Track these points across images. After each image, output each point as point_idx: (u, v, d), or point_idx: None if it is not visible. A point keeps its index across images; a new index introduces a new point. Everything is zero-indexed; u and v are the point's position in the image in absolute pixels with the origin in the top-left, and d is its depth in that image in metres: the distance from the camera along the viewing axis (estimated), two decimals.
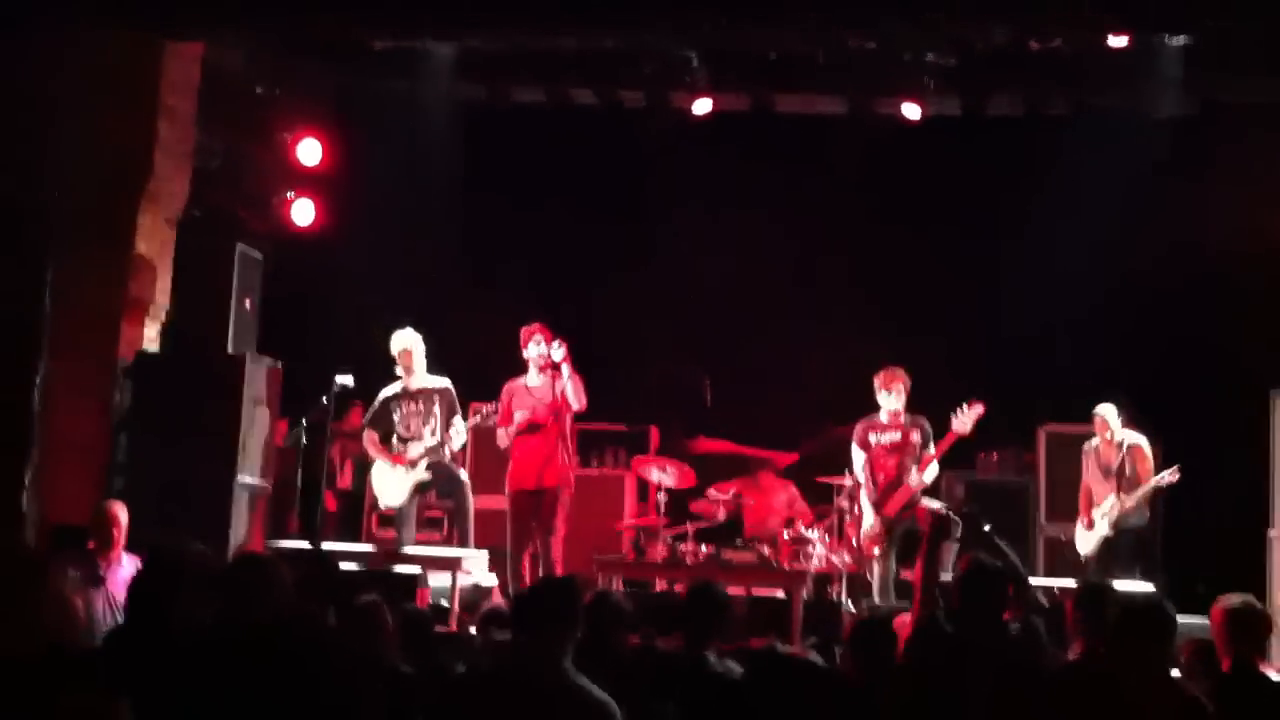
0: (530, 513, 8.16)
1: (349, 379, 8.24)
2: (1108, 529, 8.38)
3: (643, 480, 9.71)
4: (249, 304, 8.65)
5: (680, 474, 9.03)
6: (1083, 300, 9.96)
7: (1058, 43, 8.74)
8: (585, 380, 8.27)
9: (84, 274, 7.92)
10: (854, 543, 8.40)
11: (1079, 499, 8.64)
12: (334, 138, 9.65)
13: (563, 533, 8.14)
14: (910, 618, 5.26)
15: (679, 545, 8.39)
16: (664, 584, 8.52)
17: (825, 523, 8.81)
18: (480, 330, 9.47)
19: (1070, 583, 6.97)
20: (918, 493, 8.31)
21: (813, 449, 9.40)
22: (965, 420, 8.12)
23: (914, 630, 4.99)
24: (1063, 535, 8.95)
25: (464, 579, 7.79)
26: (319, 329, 9.82)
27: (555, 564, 8.00)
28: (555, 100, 10.01)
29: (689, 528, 8.79)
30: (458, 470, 8.49)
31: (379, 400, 8.46)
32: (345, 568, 7.14)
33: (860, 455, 8.46)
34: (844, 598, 8.32)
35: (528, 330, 8.30)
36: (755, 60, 9.59)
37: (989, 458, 9.86)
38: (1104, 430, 8.47)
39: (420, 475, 8.31)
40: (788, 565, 8.11)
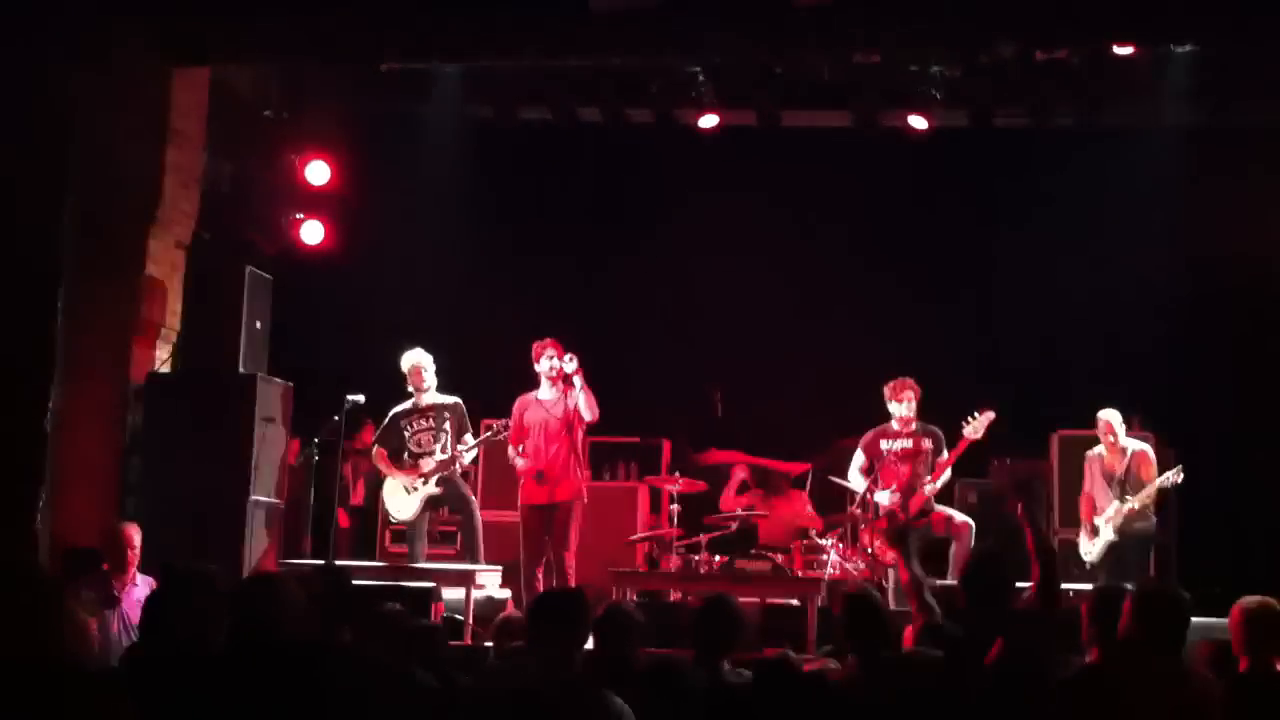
0: (543, 527, 8.16)
1: (360, 397, 8.28)
2: (1113, 534, 8.32)
3: (655, 491, 9.72)
4: (259, 325, 8.69)
5: (692, 487, 9.04)
6: (1093, 306, 9.97)
7: (1063, 54, 8.76)
8: (597, 393, 8.28)
9: (95, 297, 7.96)
10: (868, 549, 8.38)
11: (1080, 507, 8.58)
12: (342, 158, 9.69)
13: (575, 545, 8.14)
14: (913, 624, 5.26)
15: (692, 556, 8.39)
16: (678, 595, 8.52)
17: (838, 530, 8.80)
18: (491, 347, 9.51)
19: (1084, 586, 6.94)
20: (931, 500, 8.30)
21: (821, 463, 9.41)
22: (977, 426, 8.12)
23: (919, 631, 4.99)
24: (1076, 539, 8.91)
25: (478, 593, 7.80)
26: (329, 348, 9.86)
27: (569, 577, 8.00)
28: (562, 118, 10.03)
29: (702, 538, 8.78)
30: (465, 487, 8.52)
31: (390, 417, 8.49)
32: (359, 584, 7.14)
33: (860, 458, 8.44)
34: None
35: (540, 345, 8.31)
36: (761, 75, 9.63)
37: (1002, 464, 9.85)
38: (1108, 434, 8.40)
39: (431, 490, 8.33)
40: (801, 573, 8.09)
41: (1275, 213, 8.80)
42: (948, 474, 8.34)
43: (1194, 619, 4.32)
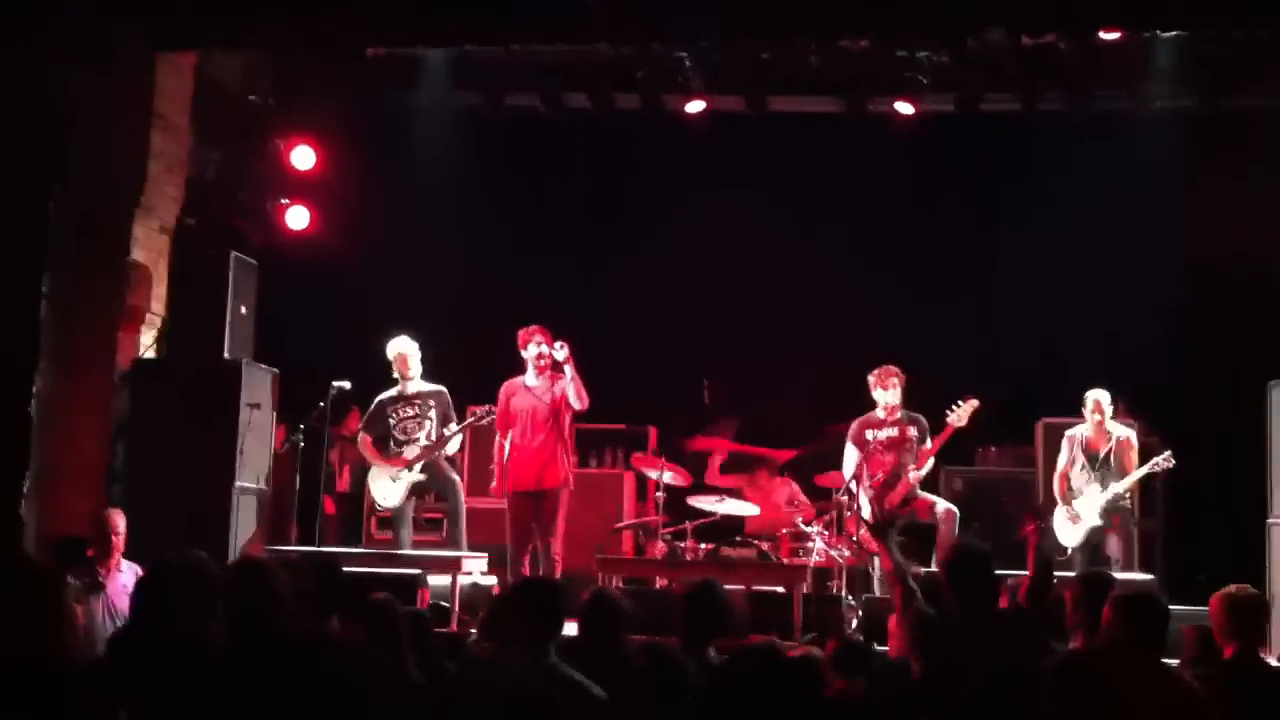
0: (530, 514, 8.16)
1: (346, 384, 8.25)
2: (1096, 518, 8.35)
3: (641, 478, 9.73)
4: (245, 311, 8.66)
5: (678, 473, 9.05)
6: (1079, 294, 9.99)
7: (1052, 38, 8.76)
8: (587, 381, 8.27)
9: (80, 283, 7.91)
10: (853, 538, 8.41)
11: (1056, 484, 8.54)
12: (328, 144, 9.66)
13: (562, 533, 8.14)
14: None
15: (678, 543, 8.40)
16: (664, 582, 8.54)
17: (824, 518, 8.82)
18: (478, 334, 9.49)
19: (1066, 574, 6.96)
20: (915, 487, 8.33)
21: (809, 452, 9.42)
22: (961, 414, 8.15)
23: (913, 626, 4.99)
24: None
25: (464, 580, 7.81)
26: (315, 334, 9.83)
27: (555, 564, 8.00)
28: (550, 105, 10.01)
29: (688, 525, 8.80)
30: (451, 472, 8.52)
31: (375, 404, 8.48)
32: (347, 571, 7.13)
33: (853, 453, 8.46)
34: (844, 592, 8.34)
35: (527, 332, 8.30)
36: (749, 61, 9.61)
37: (987, 452, 9.88)
38: (1096, 413, 8.40)
39: (416, 477, 8.33)
40: (787, 561, 8.10)
41: (1275, 212, 8.83)
42: (931, 462, 8.39)
43: (1190, 608, 4.35)
